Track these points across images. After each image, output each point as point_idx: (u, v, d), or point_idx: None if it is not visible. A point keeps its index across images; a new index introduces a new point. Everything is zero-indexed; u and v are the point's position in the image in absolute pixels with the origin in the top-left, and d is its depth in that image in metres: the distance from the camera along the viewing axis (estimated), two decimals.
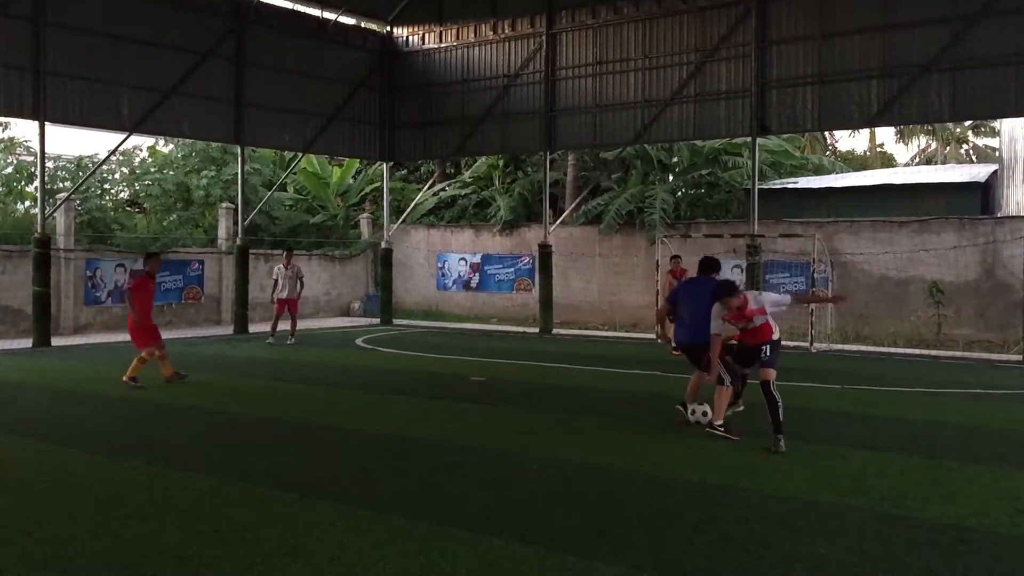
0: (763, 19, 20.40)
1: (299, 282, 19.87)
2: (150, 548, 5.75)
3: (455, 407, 11.52)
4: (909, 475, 7.87)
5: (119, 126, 20.53)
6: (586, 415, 10.73)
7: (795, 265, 21.33)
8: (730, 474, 7.80)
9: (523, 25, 24.16)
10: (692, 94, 21.49)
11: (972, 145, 47.44)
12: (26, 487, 7.30)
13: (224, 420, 10.51)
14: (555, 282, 23.68)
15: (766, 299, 9.39)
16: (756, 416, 10.76)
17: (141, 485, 7.38)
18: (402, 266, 28.36)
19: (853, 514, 6.60)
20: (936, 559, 5.66)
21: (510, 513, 6.62)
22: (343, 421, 10.42)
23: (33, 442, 9.04)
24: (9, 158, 27.37)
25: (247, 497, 7.00)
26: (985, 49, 17.92)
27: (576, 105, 23.26)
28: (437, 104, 25.68)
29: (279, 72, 23.35)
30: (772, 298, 9.51)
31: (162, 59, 20.80)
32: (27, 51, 18.61)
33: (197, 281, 24.25)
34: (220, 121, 22.38)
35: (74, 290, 21.61)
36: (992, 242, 19.85)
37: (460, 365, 15.86)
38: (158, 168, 29.22)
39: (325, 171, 30.99)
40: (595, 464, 8.20)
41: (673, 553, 5.73)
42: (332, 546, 5.77)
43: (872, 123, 21.59)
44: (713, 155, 27.10)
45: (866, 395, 12.62)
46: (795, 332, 20.37)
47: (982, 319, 19.96)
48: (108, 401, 11.79)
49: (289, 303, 19.54)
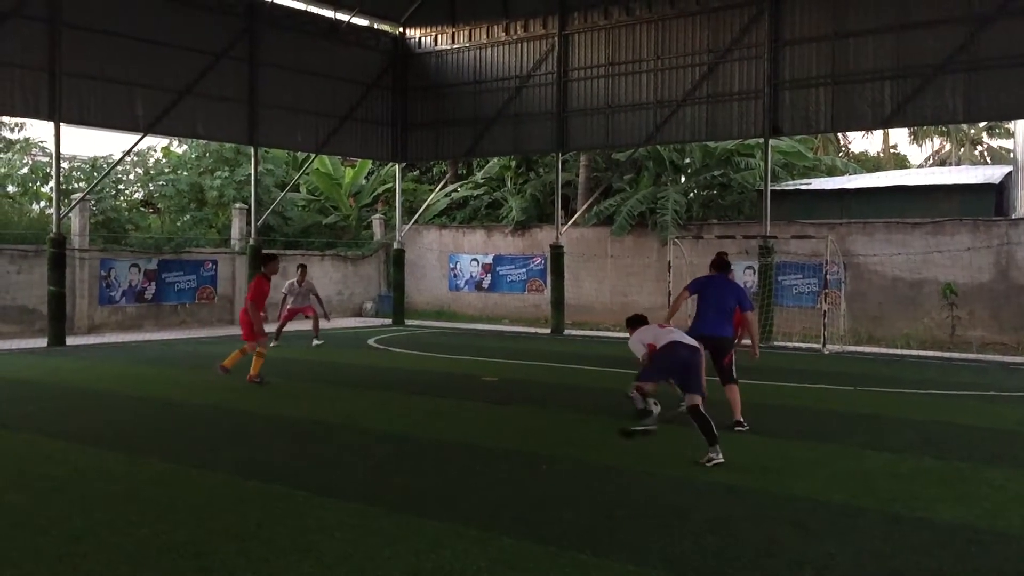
0: (776, 20, 20.37)
1: (312, 296, 19.13)
2: (163, 545, 5.79)
3: (466, 407, 11.55)
4: (920, 476, 7.85)
5: (134, 127, 20.66)
6: (597, 415, 10.73)
7: (808, 267, 21.29)
8: (740, 474, 7.80)
9: (535, 26, 24.19)
10: (704, 95, 21.47)
11: (986, 146, 47.18)
12: (41, 484, 7.36)
13: (237, 418, 10.56)
14: (567, 283, 23.70)
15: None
16: (765, 416, 10.76)
17: (155, 482, 7.44)
18: (414, 267, 28.43)
19: (864, 515, 6.59)
20: (947, 560, 5.64)
21: (521, 511, 6.64)
22: (355, 420, 10.47)
23: (48, 440, 9.11)
24: (25, 159, 27.61)
25: (260, 495, 7.05)
26: (1000, 49, 17.84)
27: (588, 106, 23.27)
28: (449, 105, 25.74)
29: (292, 73, 23.46)
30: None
31: (176, 60, 20.93)
32: (42, 52, 18.75)
33: (210, 281, 24.37)
34: (234, 122, 22.50)
35: (89, 290, 21.75)
36: (1006, 244, 19.75)
37: (472, 365, 15.89)
38: (172, 169, 29.39)
39: (338, 172, 31.08)
40: (605, 463, 8.21)
41: (683, 552, 5.74)
42: (343, 544, 5.81)
43: (886, 124, 21.55)
44: (726, 156, 27.04)
45: (878, 397, 12.58)
46: (808, 334, 20.35)
47: (996, 321, 19.86)
48: (122, 399, 11.87)
49: (302, 308, 19.06)
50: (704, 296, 10.08)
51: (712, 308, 9.98)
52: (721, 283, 10.24)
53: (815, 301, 20.89)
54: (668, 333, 8.72)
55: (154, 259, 23.17)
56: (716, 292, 10.07)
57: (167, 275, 23.29)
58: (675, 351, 8.50)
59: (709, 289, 10.14)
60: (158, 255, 23.40)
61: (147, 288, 22.89)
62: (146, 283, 22.86)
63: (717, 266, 10.47)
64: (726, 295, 10.05)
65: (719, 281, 10.28)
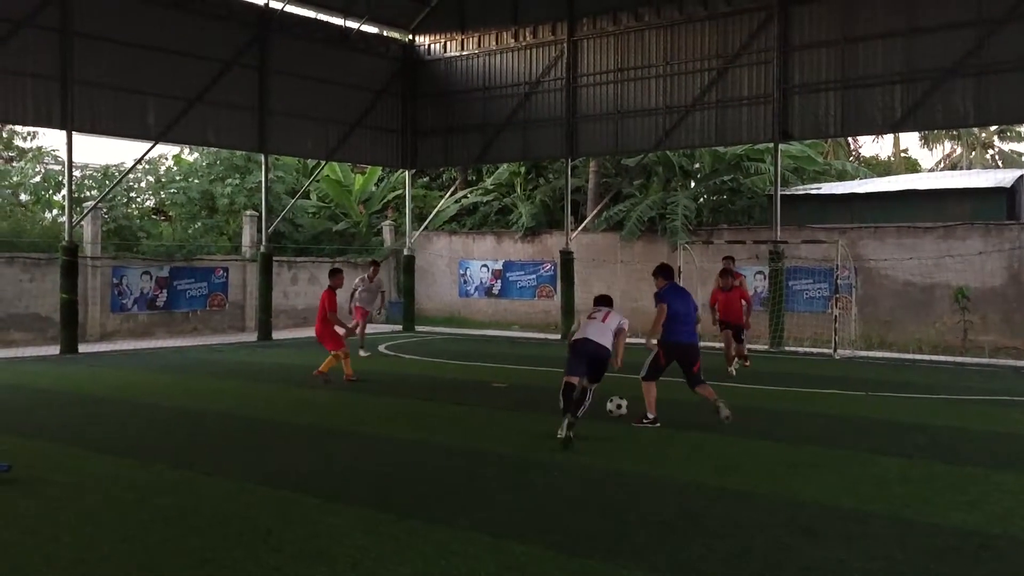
0: (785, 24, 20.35)
1: (380, 295, 19.52)
2: (175, 551, 5.82)
3: (476, 412, 11.56)
4: (932, 481, 7.82)
5: (145, 135, 20.78)
6: (606, 421, 10.72)
7: (819, 271, 21.22)
8: (750, 479, 7.78)
9: (544, 32, 24.24)
10: (714, 100, 21.45)
11: (998, 150, 46.99)
12: (52, 491, 7.40)
13: (248, 425, 10.60)
14: (577, 289, 23.68)
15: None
16: (776, 421, 10.74)
17: (166, 489, 7.47)
18: (424, 273, 28.46)
19: (875, 520, 6.57)
20: (959, 566, 5.62)
21: (531, 517, 6.64)
22: (365, 426, 10.49)
23: (59, 447, 9.16)
24: (37, 167, 27.76)
25: (270, 501, 7.07)
26: (1010, 53, 17.78)
27: (597, 112, 23.29)
28: (459, 111, 25.79)
29: (302, 80, 23.55)
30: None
31: (187, 68, 21.04)
32: (55, 61, 18.88)
33: (221, 288, 24.46)
34: (244, 129, 22.60)
35: (101, 297, 21.85)
36: (1018, 248, 19.64)
37: (482, 371, 15.91)
38: (183, 176, 29.52)
39: (348, 179, 31.17)
40: (615, 469, 8.21)
41: (693, 558, 5.73)
42: (353, 550, 5.82)
43: (896, 128, 21.48)
44: (735, 161, 27.01)
45: (890, 402, 12.53)
46: (819, 339, 20.29)
47: (1008, 325, 19.75)
48: (134, 407, 11.91)
49: (367, 311, 18.78)
50: (677, 307, 10.47)
51: (683, 315, 10.46)
52: (683, 293, 10.84)
53: (826, 306, 20.83)
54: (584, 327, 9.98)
55: (165, 266, 23.28)
56: (684, 302, 10.60)
57: (178, 282, 23.40)
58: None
59: (676, 299, 10.56)
60: (169, 262, 23.51)
61: (159, 295, 23.00)
62: (158, 290, 22.97)
63: (667, 274, 10.85)
64: (687, 302, 10.66)
65: (681, 291, 10.88)
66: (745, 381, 14.34)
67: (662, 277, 10.77)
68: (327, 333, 14.46)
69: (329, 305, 14.39)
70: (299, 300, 26.64)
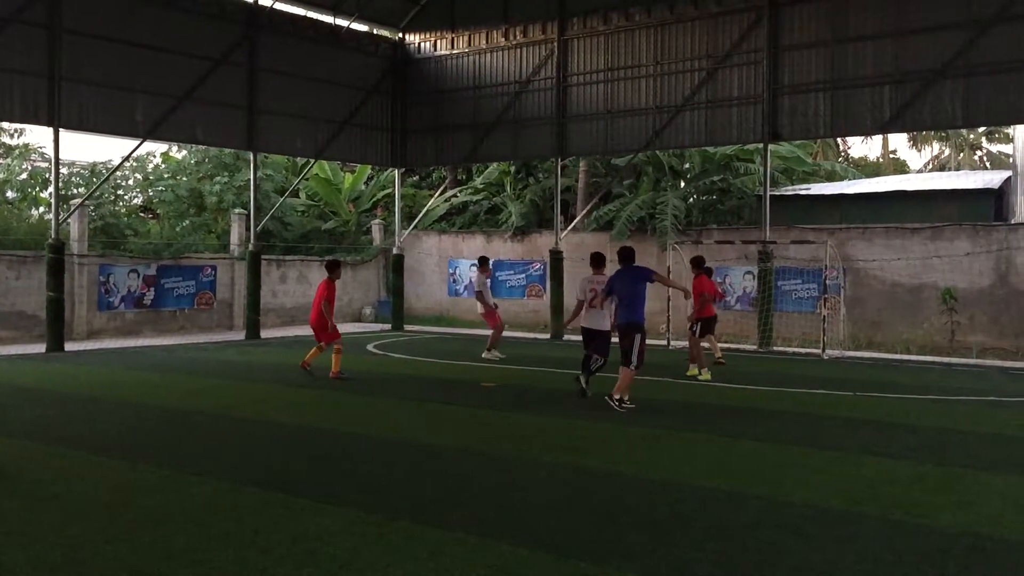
0: (775, 25, 20.39)
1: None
2: (161, 552, 5.76)
3: (466, 412, 11.52)
4: (921, 482, 7.83)
5: (133, 132, 20.67)
6: (597, 421, 10.71)
7: (807, 272, 21.27)
8: (741, 480, 7.78)
9: (535, 31, 24.22)
10: (704, 100, 21.48)
11: (986, 151, 47.27)
12: (38, 491, 7.34)
13: (235, 424, 10.54)
14: (566, 288, 23.64)
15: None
16: (765, 422, 10.75)
17: (153, 489, 7.41)
18: (413, 272, 28.42)
19: (865, 521, 6.57)
20: (949, 567, 5.62)
21: (521, 518, 6.62)
22: (354, 426, 10.44)
23: (45, 446, 9.08)
24: (24, 164, 27.58)
25: (258, 502, 7.02)
26: (999, 54, 17.86)
27: (588, 111, 23.28)
28: (449, 110, 25.75)
29: (292, 78, 23.47)
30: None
31: (176, 65, 20.93)
32: (42, 58, 18.75)
33: (210, 286, 24.36)
34: (233, 127, 22.51)
35: (87, 295, 21.73)
36: (1006, 249, 19.73)
37: (471, 371, 15.88)
38: (171, 174, 29.39)
39: (337, 177, 31.10)
40: (606, 469, 8.19)
41: (683, 559, 5.72)
42: (342, 551, 5.78)
43: (885, 129, 21.56)
44: (725, 161, 27.05)
45: (878, 402, 12.56)
46: (807, 339, 20.34)
47: (996, 326, 19.84)
48: (120, 405, 11.84)
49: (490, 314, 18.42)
50: (619, 291, 11.80)
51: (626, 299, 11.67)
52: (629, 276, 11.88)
53: (815, 306, 20.88)
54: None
55: (153, 264, 23.16)
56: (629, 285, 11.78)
57: (166, 281, 23.28)
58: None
59: (618, 284, 11.85)
60: (157, 261, 23.39)
61: (146, 294, 22.88)
62: (145, 289, 22.85)
63: (626, 258, 12.10)
64: (638, 286, 11.78)
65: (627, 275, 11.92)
66: (735, 381, 14.36)
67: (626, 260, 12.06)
68: (324, 324, 14.53)
69: (327, 295, 14.43)
70: (288, 299, 26.58)
